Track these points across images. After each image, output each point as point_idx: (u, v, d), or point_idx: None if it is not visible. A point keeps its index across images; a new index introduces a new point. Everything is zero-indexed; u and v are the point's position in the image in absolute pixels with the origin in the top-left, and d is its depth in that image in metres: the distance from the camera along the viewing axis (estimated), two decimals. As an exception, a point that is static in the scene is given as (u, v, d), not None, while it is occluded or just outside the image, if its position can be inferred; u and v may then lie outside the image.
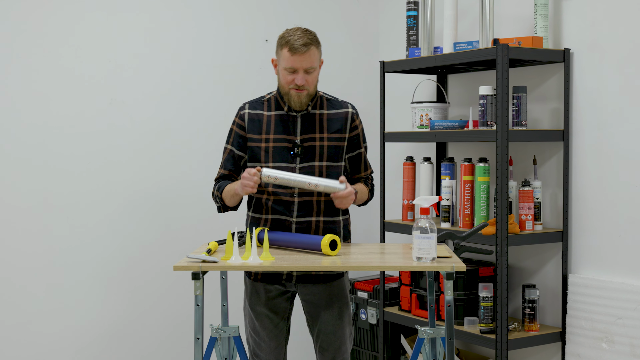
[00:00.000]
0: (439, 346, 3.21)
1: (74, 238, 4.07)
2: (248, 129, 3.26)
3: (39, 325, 4.00)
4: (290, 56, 3.12)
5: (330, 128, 3.25)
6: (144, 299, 4.25)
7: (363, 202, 3.37)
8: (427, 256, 2.85)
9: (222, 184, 3.28)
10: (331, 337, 3.28)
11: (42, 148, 3.99)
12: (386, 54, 4.87)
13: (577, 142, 3.80)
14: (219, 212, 3.35)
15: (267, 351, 3.32)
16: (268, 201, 3.23)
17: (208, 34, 4.41)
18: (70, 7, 4.03)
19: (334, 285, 3.28)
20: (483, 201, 3.87)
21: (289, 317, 3.35)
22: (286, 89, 3.19)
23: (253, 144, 3.25)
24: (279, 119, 3.24)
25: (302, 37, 3.12)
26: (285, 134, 3.23)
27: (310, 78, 3.17)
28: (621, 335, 3.56)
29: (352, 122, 3.29)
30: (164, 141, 4.29)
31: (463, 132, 3.88)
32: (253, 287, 3.31)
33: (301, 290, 3.28)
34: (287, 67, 3.14)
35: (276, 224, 3.23)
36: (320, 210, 3.23)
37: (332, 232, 3.26)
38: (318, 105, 3.28)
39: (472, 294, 4.00)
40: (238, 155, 3.30)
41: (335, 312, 3.28)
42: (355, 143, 3.31)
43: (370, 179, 3.40)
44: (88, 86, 4.09)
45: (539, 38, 3.75)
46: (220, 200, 3.29)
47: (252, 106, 3.30)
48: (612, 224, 3.66)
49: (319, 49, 3.18)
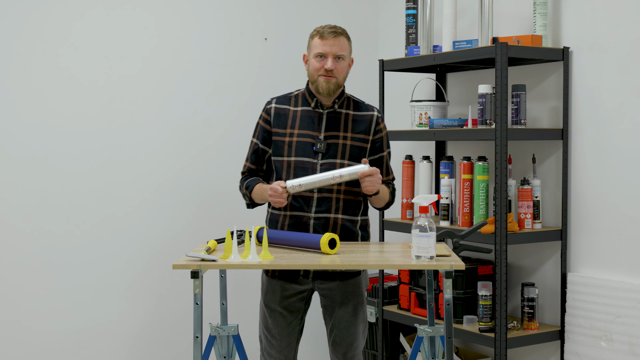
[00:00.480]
0: (438, 345, 3.21)
1: (73, 237, 4.06)
2: (273, 123, 3.30)
3: (37, 325, 3.99)
4: (320, 42, 3.20)
5: (354, 128, 3.28)
6: (143, 298, 4.25)
7: (384, 204, 3.36)
8: (426, 255, 2.85)
9: (251, 182, 3.31)
10: (344, 333, 3.31)
11: (42, 147, 3.98)
12: (385, 52, 4.87)
13: (576, 140, 3.81)
14: (248, 208, 3.40)
15: (277, 349, 3.33)
16: (288, 198, 3.24)
17: (207, 32, 4.41)
18: (69, 6, 4.03)
19: (351, 282, 3.30)
20: (482, 200, 3.87)
21: (303, 316, 3.37)
22: (315, 77, 3.23)
23: (277, 138, 3.28)
24: (305, 115, 3.28)
25: (333, 27, 3.23)
26: (309, 129, 3.26)
27: (339, 66, 3.23)
28: (620, 334, 3.56)
29: (376, 125, 3.31)
30: (164, 140, 4.29)
31: (462, 131, 3.88)
32: (269, 285, 3.33)
33: (318, 286, 3.30)
34: (317, 53, 3.21)
35: (294, 220, 3.25)
36: (339, 208, 3.24)
37: (349, 231, 3.27)
38: (345, 105, 3.31)
39: (471, 293, 4.00)
40: (262, 149, 3.33)
41: (350, 309, 3.30)
42: (377, 146, 3.32)
43: (392, 184, 3.40)
44: (87, 85, 4.09)
45: (538, 37, 3.75)
46: (250, 199, 3.33)
47: (279, 101, 3.35)
48: (611, 223, 3.66)
49: (349, 42, 3.27)
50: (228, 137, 4.46)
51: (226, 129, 4.46)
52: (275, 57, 4.60)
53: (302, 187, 3.11)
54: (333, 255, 2.98)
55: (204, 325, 3.40)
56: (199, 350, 2.90)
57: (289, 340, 3.33)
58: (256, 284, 4.52)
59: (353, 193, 3.26)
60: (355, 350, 3.35)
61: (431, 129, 4.03)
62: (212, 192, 4.42)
